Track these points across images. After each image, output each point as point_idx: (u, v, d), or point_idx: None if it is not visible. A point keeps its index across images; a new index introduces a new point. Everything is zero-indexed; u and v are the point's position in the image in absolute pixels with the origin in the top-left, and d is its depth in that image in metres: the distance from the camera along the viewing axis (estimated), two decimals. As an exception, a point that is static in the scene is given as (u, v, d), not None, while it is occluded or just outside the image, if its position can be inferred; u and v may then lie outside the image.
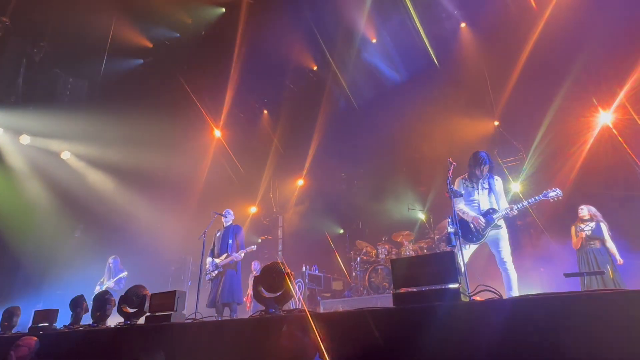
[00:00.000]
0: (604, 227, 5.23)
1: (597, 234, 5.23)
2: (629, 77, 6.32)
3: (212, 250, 5.81)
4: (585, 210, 5.39)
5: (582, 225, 5.38)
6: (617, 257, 5.08)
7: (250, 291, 7.52)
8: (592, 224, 5.30)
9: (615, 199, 6.19)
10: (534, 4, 7.14)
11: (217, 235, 5.89)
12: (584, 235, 5.31)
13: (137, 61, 9.55)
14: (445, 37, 8.32)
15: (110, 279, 7.44)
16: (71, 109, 8.81)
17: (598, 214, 5.34)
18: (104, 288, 7.11)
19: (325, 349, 2.04)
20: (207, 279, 5.64)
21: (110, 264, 7.56)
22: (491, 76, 8.01)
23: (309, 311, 2.41)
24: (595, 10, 6.45)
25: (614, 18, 6.26)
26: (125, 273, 7.60)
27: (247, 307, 7.62)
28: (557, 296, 1.88)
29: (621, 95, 6.41)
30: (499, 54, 7.71)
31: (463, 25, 8.22)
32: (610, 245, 5.15)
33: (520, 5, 7.33)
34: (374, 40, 8.77)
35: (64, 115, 8.70)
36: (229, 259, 5.49)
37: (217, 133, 10.49)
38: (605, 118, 6.65)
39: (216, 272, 5.53)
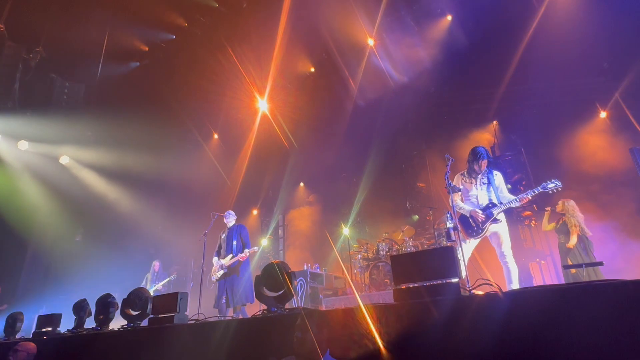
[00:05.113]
0: (572, 220, 5.22)
1: (563, 228, 5.33)
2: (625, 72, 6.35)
3: (218, 252, 5.77)
4: (560, 205, 5.46)
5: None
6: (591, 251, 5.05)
7: None
8: (562, 218, 5.41)
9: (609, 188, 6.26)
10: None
11: (222, 237, 5.84)
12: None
13: (134, 64, 9.53)
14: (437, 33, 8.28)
15: (155, 282, 7.69)
16: (68, 114, 8.80)
17: (570, 207, 5.33)
18: (152, 290, 7.36)
19: (328, 346, 2.06)
20: (212, 279, 5.60)
21: (156, 268, 7.89)
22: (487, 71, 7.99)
23: (311, 309, 2.42)
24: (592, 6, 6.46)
25: (611, 15, 6.27)
26: (174, 275, 7.95)
27: None
28: (557, 288, 1.89)
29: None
30: (492, 49, 7.68)
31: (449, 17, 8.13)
32: (573, 239, 5.13)
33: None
34: (370, 40, 8.72)
35: (62, 120, 8.69)
36: (234, 260, 5.49)
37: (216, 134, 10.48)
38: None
39: (221, 272, 5.51)
